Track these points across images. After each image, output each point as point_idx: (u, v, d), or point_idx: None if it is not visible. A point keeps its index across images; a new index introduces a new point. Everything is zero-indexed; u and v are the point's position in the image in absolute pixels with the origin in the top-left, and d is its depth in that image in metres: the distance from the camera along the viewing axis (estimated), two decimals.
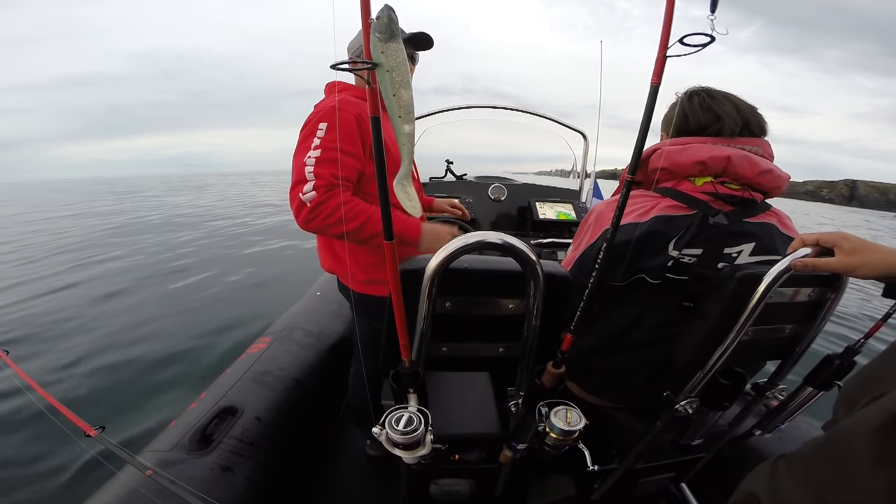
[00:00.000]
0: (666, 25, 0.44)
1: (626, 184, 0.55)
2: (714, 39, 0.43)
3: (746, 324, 0.75)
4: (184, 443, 1.13)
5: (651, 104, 0.50)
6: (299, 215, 1.02)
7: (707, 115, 0.88)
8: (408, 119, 0.42)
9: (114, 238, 7.79)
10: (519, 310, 0.70)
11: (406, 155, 0.46)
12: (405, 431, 0.59)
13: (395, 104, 0.40)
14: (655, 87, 0.49)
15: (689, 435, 0.95)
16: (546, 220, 2.15)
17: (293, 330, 1.81)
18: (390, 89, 0.39)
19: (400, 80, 0.39)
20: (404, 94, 0.40)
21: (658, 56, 0.46)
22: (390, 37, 0.37)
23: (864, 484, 0.43)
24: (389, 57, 0.38)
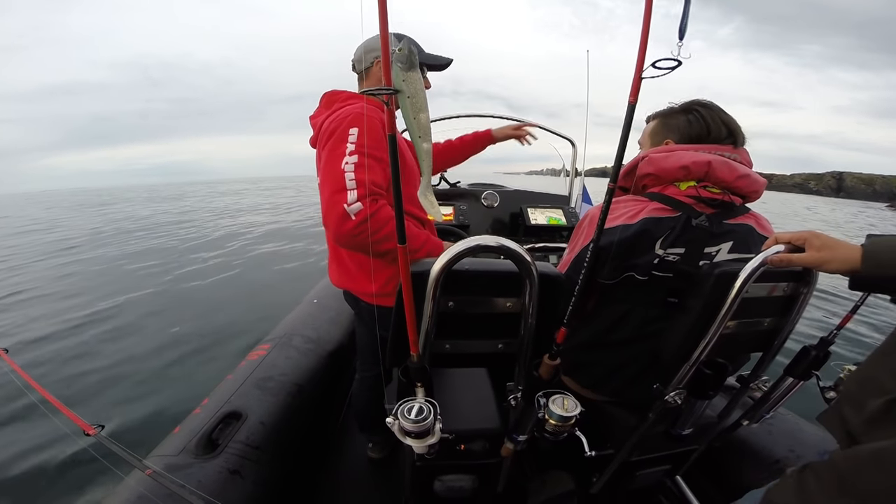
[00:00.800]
0: (642, 49, 0.51)
1: (609, 191, 0.62)
2: (681, 63, 0.50)
3: (726, 317, 0.80)
4: (190, 447, 1.15)
5: (629, 120, 0.57)
6: (343, 227, 0.96)
7: (724, 128, 0.97)
8: (426, 139, 0.48)
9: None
10: (516, 308, 0.75)
11: (426, 169, 0.51)
12: (417, 420, 0.64)
13: (415, 126, 0.46)
14: (632, 106, 0.55)
15: (680, 425, 1.00)
16: (538, 225, 2.22)
17: (292, 336, 1.84)
18: (411, 113, 0.45)
19: (419, 105, 0.44)
20: (423, 116, 0.46)
21: (635, 77, 0.53)
22: (410, 67, 0.42)
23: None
24: (410, 85, 0.43)
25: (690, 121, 0.99)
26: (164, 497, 0.93)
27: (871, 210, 37.96)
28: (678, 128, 1.01)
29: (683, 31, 0.50)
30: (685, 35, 0.49)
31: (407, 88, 0.43)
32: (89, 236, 9.99)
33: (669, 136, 1.02)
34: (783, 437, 1.30)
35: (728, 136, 0.97)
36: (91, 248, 8.18)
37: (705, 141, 0.97)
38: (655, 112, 1.08)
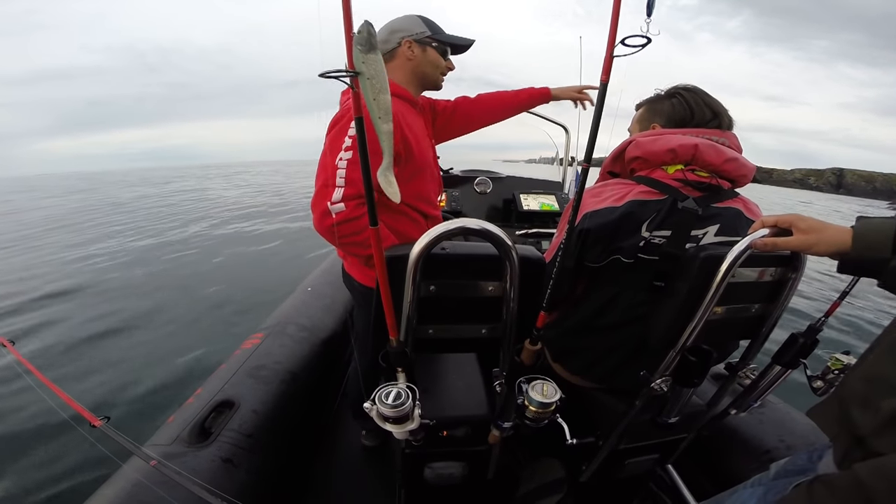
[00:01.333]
0: (612, 27, 0.50)
1: (583, 171, 0.62)
2: (650, 41, 0.49)
3: (712, 302, 0.80)
4: (183, 436, 1.15)
5: (601, 100, 0.56)
6: (322, 223, 0.97)
7: (709, 110, 0.97)
8: (386, 119, 0.47)
9: None
10: (498, 291, 0.75)
11: (387, 149, 0.51)
12: (394, 405, 0.64)
13: (375, 107, 0.45)
14: (604, 85, 0.55)
15: (666, 413, 1.00)
16: (530, 211, 2.22)
17: (286, 325, 1.84)
18: (371, 94, 0.44)
19: (379, 86, 0.44)
20: (382, 98, 0.45)
21: (606, 55, 0.52)
22: (370, 49, 0.42)
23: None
24: (370, 66, 0.43)
25: (674, 104, 0.99)
26: (159, 483, 0.93)
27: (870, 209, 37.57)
28: (663, 112, 1.01)
29: (651, 8, 0.50)
30: (653, 12, 0.49)
31: (367, 70, 0.43)
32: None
33: (655, 121, 1.03)
34: (773, 427, 1.30)
35: (713, 119, 0.97)
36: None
37: (689, 124, 0.97)
38: (643, 100, 1.08)
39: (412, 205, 1.17)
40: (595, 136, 0.57)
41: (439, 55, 1.20)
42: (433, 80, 1.24)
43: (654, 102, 1.04)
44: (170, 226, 8.80)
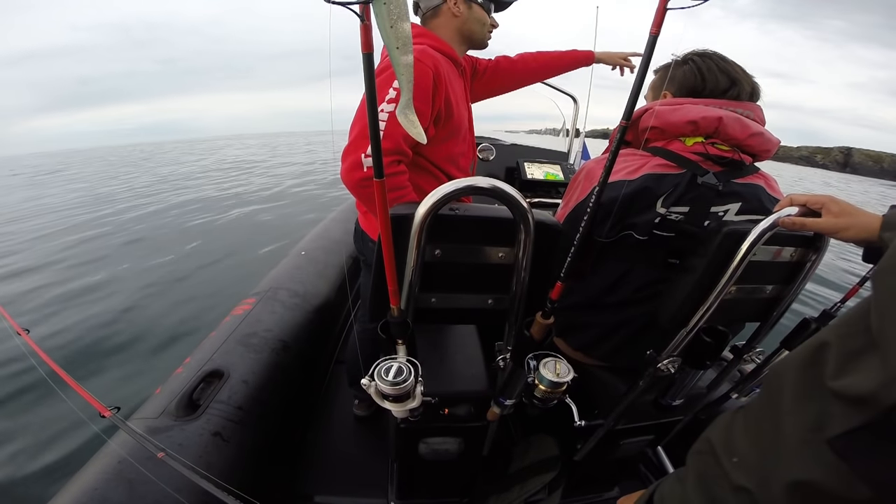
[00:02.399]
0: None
1: (621, 129, 0.55)
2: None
3: (731, 279, 0.76)
4: (170, 409, 1.11)
5: (649, 54, 0.50)
6: (350, 175, 0.92)
7: (724, 77, 0.89)
8: (405, 50, 0.41)
9: None
10: (508, 259, 0.69)
11: (405, 85, 0.45)
12: (395, 382, 0.59)
13: (392, 35, 0.39)
14: (654, 37, 0.48)
15: (671, 395, 0.97)
16: (534, 180, 2.16)
17: (278, 290, 1.78)
18: (387, 21, 0.38)
19: (398, 11, 0.37)
20: (402, 25, 0.39)
21: (658, 7, 0.46)
22: None
23: (786, 422, 0.41)
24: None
25: (685, 72, 0.92)
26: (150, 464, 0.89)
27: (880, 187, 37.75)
28: (675, 78, 0.94)
29: None
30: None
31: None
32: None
33: (668, 90, 0.96)
34: None
35: (730, 87, 0.90)
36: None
37: (702, 93, 0.91)
38: (658, 66, 1.02)
39: (441, 167, 1.13)
40: (638, 93, 0.51)
41: (485, 12, 1.14)
42: (480, 38, 1.17)
43: (667, 69, 0.97)
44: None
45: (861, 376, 0.34)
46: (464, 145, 1.20)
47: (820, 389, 0.37)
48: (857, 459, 0.35)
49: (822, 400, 0.37)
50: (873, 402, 0.33)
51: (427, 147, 1.07)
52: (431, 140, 1.06)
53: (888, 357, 0.33)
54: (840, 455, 0.35)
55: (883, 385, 0.32)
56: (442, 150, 1.10)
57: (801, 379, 0.40)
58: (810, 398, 0.39)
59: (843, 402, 0.35)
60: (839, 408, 0.36)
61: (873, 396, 0.33)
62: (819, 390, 0.38)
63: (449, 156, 1.13)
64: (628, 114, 0.53)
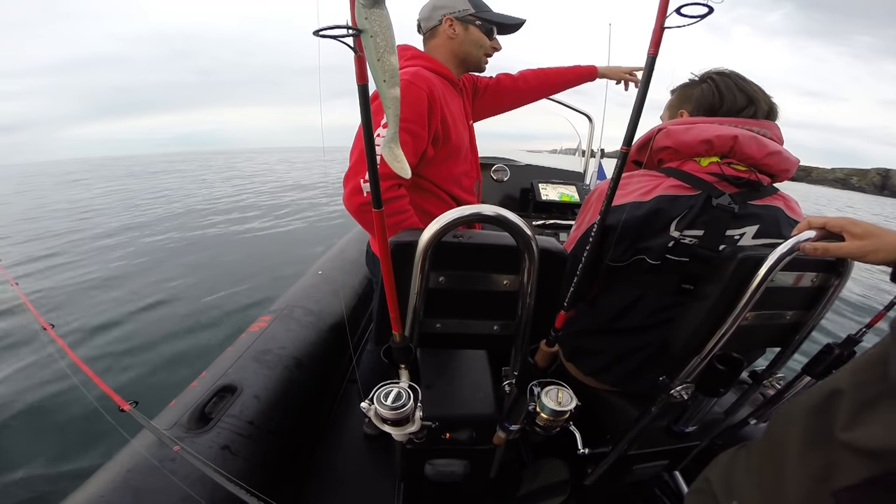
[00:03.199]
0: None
1: (621, 156, 0.54)
2: (712, 10, 0.42)
3: (746, 307, 0.73)
4: (182, 421, 1.13)
5: (648, 75, 0.49)
6: (352, 200, 0.93)
7: (742, 95, 0.88)
8: (392, 83, 0.42)
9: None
10: (513, 286, 0.69)
11: (392, 118, 0.46)
12: (393, 407, 0.59)
13: (379, 69, 0.40)
14: (653, 58, 0.48)
15: (684, 422, 0.94)
16: (549, 201, 2.14)
17: (294, 308, 1.81)
18: (374, 54, 0.39)
19: (384, 45, 0.38)
20: (389, 58, 0.39)
21: (655, 27, 0.45)
22: (374, 3, 0.36)
23: (791, 470, 0.40)
24: (374, 22, 0.37)
25: (703, 90, 0.91)
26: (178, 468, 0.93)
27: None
28: (692, 97, 0.93)
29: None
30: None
31: (370, 27, 0.37)
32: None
33: (683, 107, 0.95)
34: None
35: (747, 106, 0.88)
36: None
37: (718, 112, 0.89)
38: (678, 84, 1.00)
39: (443, 187, 1.13)
40: (638, 117, 0.50)
41: (483, 34, 1.15)
42: (475, 60, 1.18)
43: (686, 87, 0.96)
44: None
45: (876, 429, 0.32)
46: (465, 164, 1.21)
47: (829, 439, 0.36)
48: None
49: (831, 450, 0.36)
50: (888, 457, 0.31)
51: (428, 168, 1.08)
52: (431, 161, 1.07)
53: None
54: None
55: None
56: (443, 170, 1.11)
57: (809, 426, 0.39)
58: (818, 447, 0.37)
59: (852, 454, 0.34)
60: (848, 459, 0.34)
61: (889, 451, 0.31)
62: (828, 440, 0.36)
63: (451, 176, 1.13)
64: (628, 139, 0.52)
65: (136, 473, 0.93)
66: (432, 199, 1.12)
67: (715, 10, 0.42)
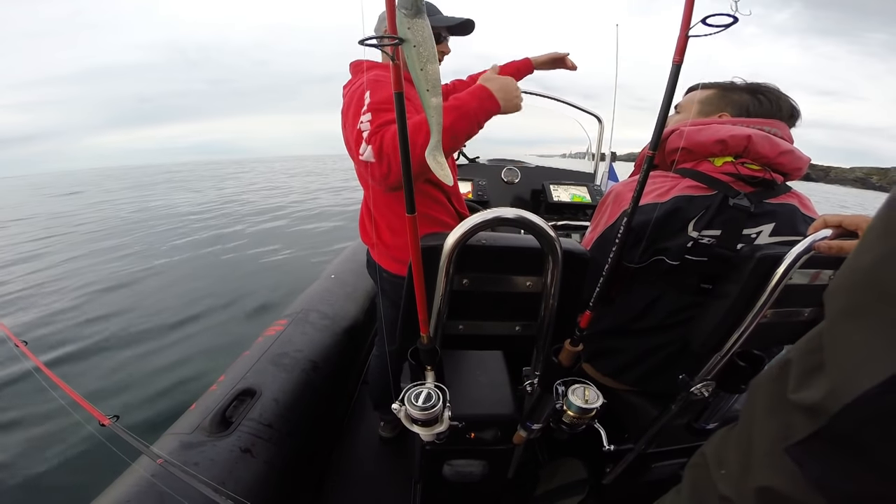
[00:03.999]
0: (688, 5, 0.44)
1: (647, 159, 0.55)
2: (737, 20, 0.42)
3: (766, 305, 0.74)
4: (204, 425, 1.15)
5: (673, 82, 0.50)
6: (375, 175, 0.91)
7: (787, 109, 0.90)
8: (435, 92, 0.43)
9: None
10: (536, 287, 0.70)
11: (435, 126, 0.46)
12: (424, 407, 0.60)
13: (422, 78, 0.41)
14: (678, 66, 0.49)
15: (705, 419, 0.95)
16: (560, 202, 2.14)
17: (309, 312, 1.83)
18: (417, 64, 0.40)
19: (427, 54, 0.39)
20: (431, 68, 0.41)
21: (680, 35, 0.46)
22: (416, 13, 0.37)
23: (757, 434, 0.43)
24: (416, 32, 0.38)
25: (761, 101, 0.90)
26: (172, 483, 0.91)
27: None
28: (742, 105, 0.91)
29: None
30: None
31: (413, 37, 0.38)
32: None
33: (726, 110, 0.93)
34: None
35: (789, 119, 0.90)
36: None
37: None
38: (711, 82, 0.98)
39: (443, 189, 1.16)
40: (664, 123, 0.51)
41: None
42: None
43: (730, 90, 0.94)
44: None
45: (813, 389, 0.37)
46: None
47: (784, 402, 0.40)
48: (810, 465, 0.37)
49: (786, 412, 0.40)
50: (822, 411, 0.35)
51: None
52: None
53: (830, 369, 0.35)
54: (795, 461, 0.38)
55: (828, 394, 0.34)
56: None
57: (769, 392, 0.43)
58: (777, 410, 0.41)
59: (800, 413, 0.38)
60: (798, 418, 0.38)
61: (821, 405, 0.35)
62: (783, 403, 0.40)
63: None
64: (655, 143, 0.53)
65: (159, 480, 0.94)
66: (424, 199, 1.14)
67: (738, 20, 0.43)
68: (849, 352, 0.34)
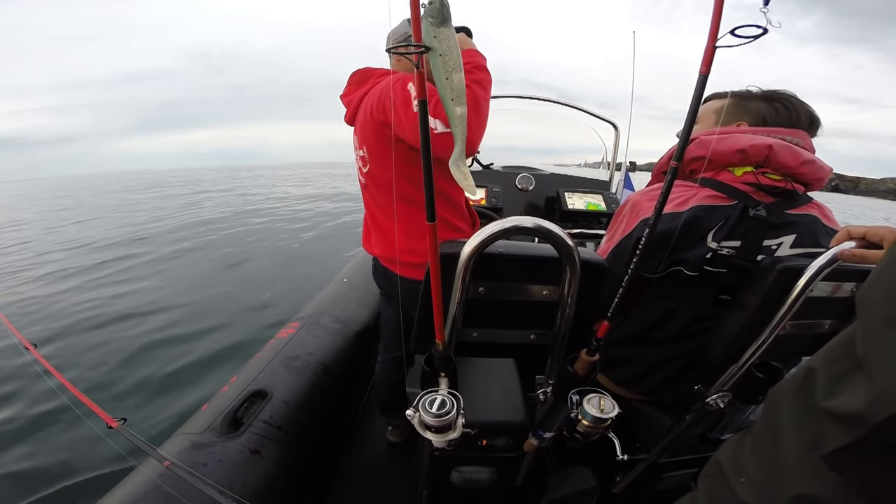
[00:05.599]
0: (716, 15, 0.44)
1: (672, 170, 0.54)
2: (766, 31, 0.42)
3: (786, 317, 0.72)
4: (215, 426, 1.16)
5: (699, 93, 0.50)
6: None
7: (807, 119, 0.89)
8: (459, 101, 0.43)
9: None
10: (553, 297, 0.69)
11: (459, 136, 0.47)
12: (438, 414, 0.60)
13: (447, 87, 0.41)
14: (704, 77, 0.48)
15: (719, 430, 0.93)
16: (575, 210, 2.13)
17: (321, 315, 1.84)
18: (443, 73, 0.40)
19: (452, 63, 0.39)
20: (456, 77, 0.41)
21: (707, 46, 0.46)
22: (442, 21, 0.37)
23: (786, 443, 0.43)
24: (442, 41, 0.38)
25: (778, 109, 0.89)
26: (178, 485, 0.92)
27: None
28: (758, 113, 0.90)
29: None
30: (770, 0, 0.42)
31: (439, 45, 0.38)
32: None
33: (743, 119, 0.92)
34: None
35: (809, 128, 0.88)
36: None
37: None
38: (729, 91, 0.97)
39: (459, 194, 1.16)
40: (689, 134, 0.51)
41: None
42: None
43: (747, 99, 0.93)
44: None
45: (850, 396, 0.37)
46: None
47: (812, 410, 0.40)
48: (852, 473, 0.37)
49: (816, 420, 0.40)
50: (863, 420, 0.35)
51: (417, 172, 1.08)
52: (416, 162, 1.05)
53: (873, 379, 0.35)
54: (835, 470, 0.38)
55: (871, 403, 0.34)
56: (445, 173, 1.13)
57: (795, 402, 0.44)
58: (805, 419, 0.42)
59: (834, 421, 0.38)
60: (832, 426, 0.38)
61: (863, 414, 0.35)
62: (812, 411, 0.40)
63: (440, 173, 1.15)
64: (679, 154, 0.52)
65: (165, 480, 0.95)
66: (451, 209, 1.14)
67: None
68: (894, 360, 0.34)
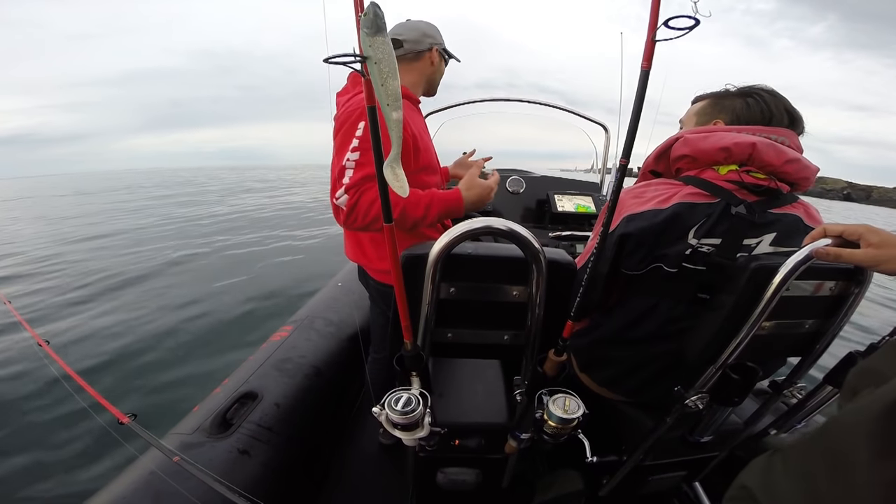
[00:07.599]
0: (654, 11, 0.45)
1: (620, 168, 0.55)
2: (699, 23, 0.43)
3: (761, 317, 0.72)
4: (205, 426, 1.17)
5: (643, 88, 0.50)
6: (339, 219, 0.99)
7: (787, 116, 0.88)
8: (395, 107, 0.44)
9: None
10: (523, 297, 0.70)
11: (395, 140, 0.48)
12: (404, 412, 0.61)
13: (383, 93, 0.42)
14: (646, 72, 0.49)
15: (699, 431, 0.93)
16: (565, 212, 2.13)
17: (314, 319, 1.85)
18: (378, 80, 0.41)
19: (387, 70, 0.41)
20: (391, 83, 0.42)
21: (647, 40, 0.47)
22: (376, 31, 0.39)
23: (861, 478, 0.38)
24: (377, 50, 0.40)
25: (749, 104, 0.89)
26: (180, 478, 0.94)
27: None
28: (732, 109, 0.90)
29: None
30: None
31: (374, 53, 0.40)
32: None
33: (719, 117, 0.92)
34: None
35: (790, 126, 0.87)
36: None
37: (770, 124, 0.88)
38: (706, 93, 0.97)
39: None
40: (635, 130, 0.51)
41: (444, 67, 1.26)
42: (436, 87, 1.29)
43: (722, 98, 0.93)
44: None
45: None
46: (437, 177, 1.25)
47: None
48: None
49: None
50: None
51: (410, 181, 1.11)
52: (412, 173, 1.10)
53: None
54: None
55: None
56: (419, 180, 1.15)
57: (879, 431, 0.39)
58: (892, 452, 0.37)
59: None
60: None
61: None
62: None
63: (425, 185, 1.16)
64: (627, 151, 0.53)
65: (156, 477, 0.96)
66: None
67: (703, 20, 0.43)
68: None
